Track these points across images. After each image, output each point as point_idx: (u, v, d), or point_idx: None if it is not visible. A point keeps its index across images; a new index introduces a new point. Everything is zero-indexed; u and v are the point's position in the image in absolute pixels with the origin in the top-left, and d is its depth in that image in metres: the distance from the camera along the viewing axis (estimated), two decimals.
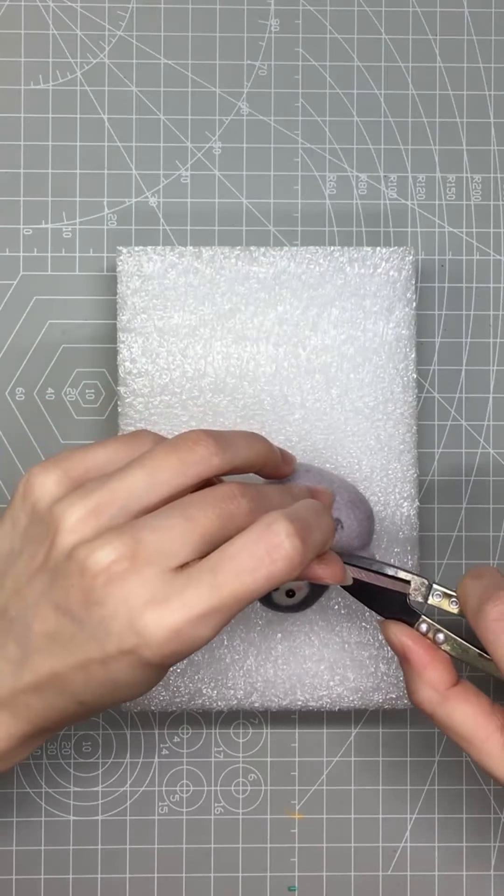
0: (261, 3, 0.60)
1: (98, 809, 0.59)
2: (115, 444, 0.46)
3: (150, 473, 0.43)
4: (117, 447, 0.46)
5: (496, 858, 0.59)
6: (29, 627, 0.43)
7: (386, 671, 0.56)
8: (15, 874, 0.58)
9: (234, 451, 0.45)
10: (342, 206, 0.60)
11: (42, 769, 0.59)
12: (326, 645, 0.56)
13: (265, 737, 0.59)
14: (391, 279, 0.56)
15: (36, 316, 0.59)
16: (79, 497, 0.43)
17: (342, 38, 0.60)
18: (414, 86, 0.60)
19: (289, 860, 0.59)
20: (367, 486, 0.56)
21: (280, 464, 0.49)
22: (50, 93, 0.59)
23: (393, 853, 0.59)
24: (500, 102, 0.60)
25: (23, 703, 0.43)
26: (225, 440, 0.45)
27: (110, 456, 0.46)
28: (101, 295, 0.59)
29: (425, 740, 0.59)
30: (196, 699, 0.56)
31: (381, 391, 0.56)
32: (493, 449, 0.60)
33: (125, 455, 0.45)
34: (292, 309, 0.56)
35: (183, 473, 0.44)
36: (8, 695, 0.44)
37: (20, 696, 0.43)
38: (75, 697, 0.43)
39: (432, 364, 0.60)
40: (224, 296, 0.56)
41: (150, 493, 0.43)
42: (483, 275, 0.60)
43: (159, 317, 0.56)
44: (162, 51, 0.60)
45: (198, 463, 0.44)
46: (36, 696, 0.43)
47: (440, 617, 0.49)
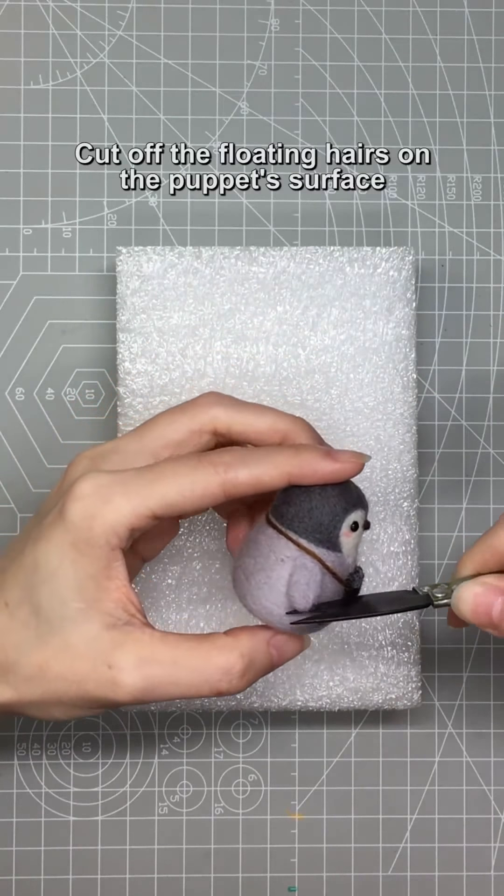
0: (261, 3, 0.60)
1: (98, 810, 0.59)
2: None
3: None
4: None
5: (496, 859, 0.59)
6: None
7: (386, 671, 0.56)
8: (15, 874, 0.58)
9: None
10: (342, 206, 0.60)
11: (42, 769, 0.59)
12: (326, 645, 0.56)
13: (265, 737, 0.59)
14: (391, 279, 0.56)
15: (36, 316, 0.59)
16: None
17: (342, 38, 0.60)
18: (414, 86, 0.60)
19: (289, 861, 0.59)
20: (368, 487, 0.56)
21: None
22: (50, 93, 0.59)
23: (393, 853, 0.59)
24: (500, 102, 0.60)
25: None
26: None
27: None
28: (101, 295, 0.59)
29: (425, 740, 0.59)
30: (196, 699, 0.56)
31: (381, 391, 0.56)
32: (493, 449, 0.60)
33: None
34: (292, 309, 0.56)
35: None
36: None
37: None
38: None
39: (432, 364, 0.60)
40: (224, 296, 0.56)
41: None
42: (483, 275, 0.60)
43: (159, 317, 0.56)
44: (162, 51, 0.60)
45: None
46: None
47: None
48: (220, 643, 0.46)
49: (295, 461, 0.46)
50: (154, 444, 0.48)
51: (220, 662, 0.45)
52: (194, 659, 0.45)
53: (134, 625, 0.45)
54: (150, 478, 0.45)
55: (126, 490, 0.45)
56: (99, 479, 0.45)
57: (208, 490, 0.45)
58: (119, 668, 0.45)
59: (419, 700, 0.56)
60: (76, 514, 0.45)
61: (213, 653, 0.45)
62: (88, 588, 0.45)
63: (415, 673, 0.56)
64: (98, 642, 0.45)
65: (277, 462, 0.46)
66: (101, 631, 0.45)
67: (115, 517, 0.45)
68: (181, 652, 0.45)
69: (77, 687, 0.45)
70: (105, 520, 0.45)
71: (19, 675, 0.46)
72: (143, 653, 0.45)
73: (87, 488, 0.45)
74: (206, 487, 0.45)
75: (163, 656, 0.45)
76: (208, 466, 0.46)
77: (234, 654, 0.46)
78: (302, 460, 0.46)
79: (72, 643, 0.45)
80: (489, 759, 0.59)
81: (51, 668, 0.45)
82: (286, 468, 0.46)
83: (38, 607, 0.46)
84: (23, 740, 0.59)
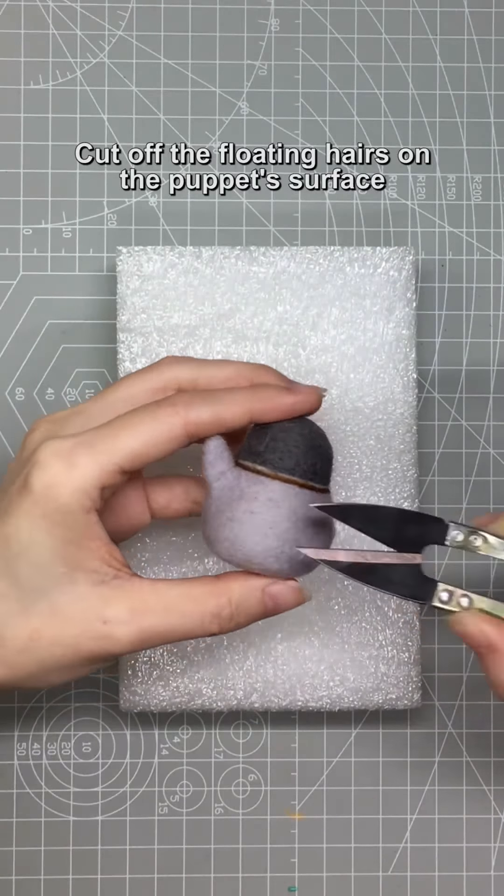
0: (261, 3, 0.60)
1: (98, 810, 0.59)
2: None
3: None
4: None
5: (496, 859, 0.59)
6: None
7: (386, 672, 0.56)
8: (15, 874, 0.58)
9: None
10: (342, 206, 0.60)
11: (42, 769, 0.59)
12: (326, 645, 0.56)
13: (265, 737, 0.59)
14: (391, 279, 0.56)
15: (36, 316, 0.59)
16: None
17: (342, 38, 0.60)
18: (414, 86, 0.60)
19: (289, 860, 0.59)
20: (368, 486, 0.56)
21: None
22: (50, 93, 0.59)
23: (393, 853, 0.59)
24: (500, 102, 0.60)
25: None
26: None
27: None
28: (101, 295, 0.59)
29: (425, 740, 0.59)
30: (196, 699, 0.56)
31: (381, 391, 0.56)
32: (493, 449, 0.60)
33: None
34: (292, 309, 0.56)
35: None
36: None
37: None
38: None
39: (432, 364, 0.60)
40: (224, 296, 0.56)
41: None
42: (483, 275, 0.60)
43: (159, 317, 0.56)
44: (162, 51, 0.60)
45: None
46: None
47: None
48: (209, 587, 0.46)
49: (255, 396, 0.46)
50: (117, 404, 0.47)
51: (209, 607, 0.46)
52: (185, 604, 0.46)
53: (122, 577, 0.46)
54: (111, 433, 0.45)
55: (90, 450, 0.45)
56: (61, 445, 0.45)
57: (172, 433, 0.45)
58: (113, 623, 0.45)
59: (419, 700, 0.56)
60: (42, 484, 0.45)
61: (202, 597, 0.46)
62: (69, 552, 0.45)
63: (415, 673, 0.56)
64: (88, 600, 0.45)
65: (238, 399, 0.46)
66: (89, 589, 0.45)
67: (83, 480, 0.44)
68: (172, 598, 0.46)
69: (73, 649, 0.45)
70: (74, 485, 0.44)
71: (9, 649, 0.46)
72: (134, 604, 0.45)
73: (49, 456, 0.45)
74: (169, 430, 0.45)
75: (154, 604, 0.46)
76: (168, 408, 0.46)
77: (223, 599, 0.46)
78: (263, 395, 0.47)
79: (60, 606, 0.45)
80: (489, 759, 0.59)
81: (42, 636, 0.45)
82: (247, 404, 0.46)
83: (16, 579, 0.45)
84: (23, 740, 0.59)
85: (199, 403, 0.46)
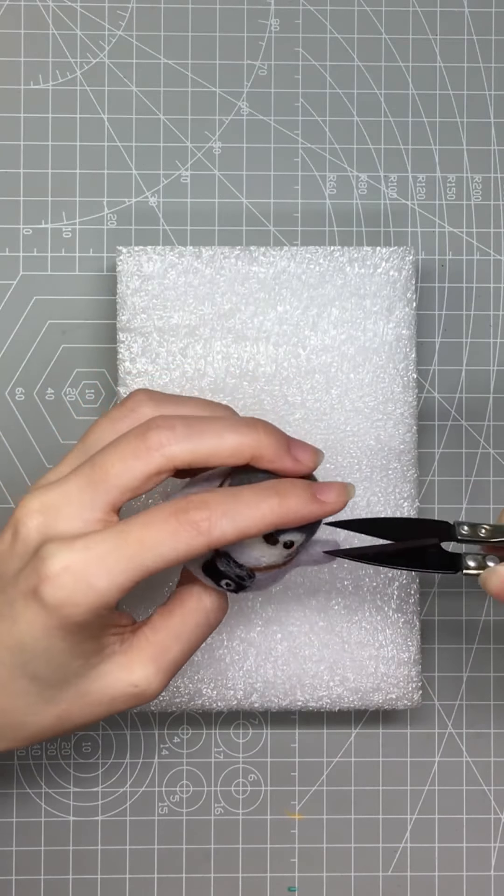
0: (261, 3, 0.60)
1: (98, 810, 0.59)
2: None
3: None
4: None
5: (496, 859, 0.59)
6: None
7: (386, 672, 0.56)
8: (15, 874, 0.58)
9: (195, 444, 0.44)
10: (342, 206, 0.60)
11: (42, 769, 0.59)
12: (326, 645, 0.56)
13: (265, 737, 0.59)
14: (391, 279, 0.56)
15: (36, 316, 0.59)
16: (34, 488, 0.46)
17: (342, 38, 0.60)
18: (414, 86, 0.60)
19: (289, 860, 0.59)
20: (368, 486, 0.56)
21: (283, 455, 0.45)
22: (50, 93, 0.59)
23: (393, 853, 0.59)
24: (500, 102, 0.60)
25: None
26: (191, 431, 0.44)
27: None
28: (101, 295, 0.59)
29: (425, 740, 0.59)
30: (196, 699, 0.56)
31: (381, 391, 0.56)
32: (493, 449, 0.60)
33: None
34: (292, 309, 0.56)
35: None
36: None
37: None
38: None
39: (432, 364, 0.60)
40: (224, 296, 0.56)
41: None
42: (483, 275, 0.60)
43: (159, 317, 0.56)
44: (162, 51, 0.60)
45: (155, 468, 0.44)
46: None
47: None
48: (195, 595, 0.46)
49: (282, 510, 0.43)
50: (109, 495, 0.44)
51: (207, 610, 0.46)
52: (188, 624, 0.46)
53: (132, 634, 0.46)
54: (128, 553, 0.42)
55: (106, 570, 0.42)
56: (70, 559, 0.42)
57: (192, 551, 0.43)
58: (143, 684, 0.45)
59: (419, 700, 0.56)
60: (56, 601, 0.42)
61: (194, 611, 0.46)
62: (87, 648, 0.44)
63: (415, 673, 0.56)
64: (112, 674, 0.45)
65: (264, 513, 0.43)
66: (110, 666, 0.45)
67: (100, 601, 0.42)
68: (176, 628, 0.46)
69: (107, 712, 0.46)
70: (90, 604, 0.42)
71: (30, 731, 0.46)
72: (153, 653, 0.45)
73: (60, 572, 0.42)
74: (189, 549, 0.42)
75: (166, 642, 0.46)
76: (189, 528, 0.42)
77: (210, 597, 0.46)
78: (289, 508, 0.43)
79: (86, 688, 0.45)
80: (489, 759, 0.59)
81: (72, 714, 0.45)
82: (271, 519, 0.43)
83: (34, 677, 0.44)
84: None
85: (222, 519, 0.42)
